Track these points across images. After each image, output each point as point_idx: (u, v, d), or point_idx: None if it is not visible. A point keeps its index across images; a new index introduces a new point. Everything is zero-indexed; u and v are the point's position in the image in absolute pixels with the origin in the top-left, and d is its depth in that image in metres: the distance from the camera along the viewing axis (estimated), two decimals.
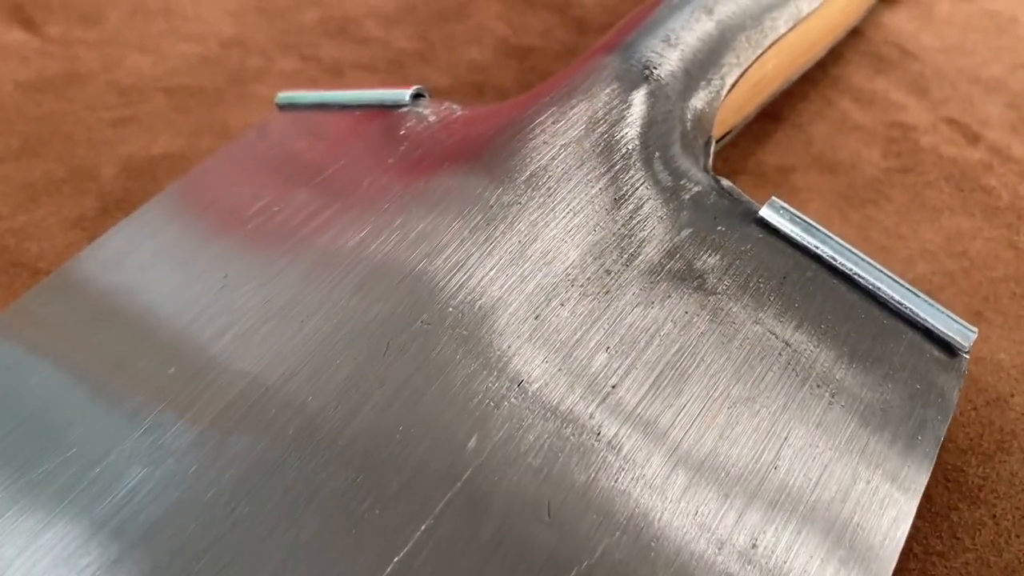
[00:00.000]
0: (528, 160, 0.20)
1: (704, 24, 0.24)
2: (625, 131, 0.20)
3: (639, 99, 0.21)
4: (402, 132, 0.22)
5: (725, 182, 0.20)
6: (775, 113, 0.34)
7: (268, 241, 0.19)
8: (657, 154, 0.20)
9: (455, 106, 0.23)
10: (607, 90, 0.21)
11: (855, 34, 0.40)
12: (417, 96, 0.24)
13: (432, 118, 0.23)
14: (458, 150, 0.21)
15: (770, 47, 0.26)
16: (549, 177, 0.19)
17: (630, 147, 0.20)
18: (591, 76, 0.22)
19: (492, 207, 0.19)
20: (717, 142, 0.24)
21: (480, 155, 0.20)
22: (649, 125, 0.21)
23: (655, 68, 0.22)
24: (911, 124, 0.35)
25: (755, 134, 0.33)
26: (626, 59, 0.22)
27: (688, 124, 0.21)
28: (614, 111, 0.21)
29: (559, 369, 0.16)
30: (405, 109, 0.24)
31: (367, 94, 0.25)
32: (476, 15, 0.40)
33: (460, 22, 0.39)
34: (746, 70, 0.24)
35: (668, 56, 0.22)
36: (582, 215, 0.19)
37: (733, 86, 0.24)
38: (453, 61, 0.37)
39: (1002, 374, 0.24)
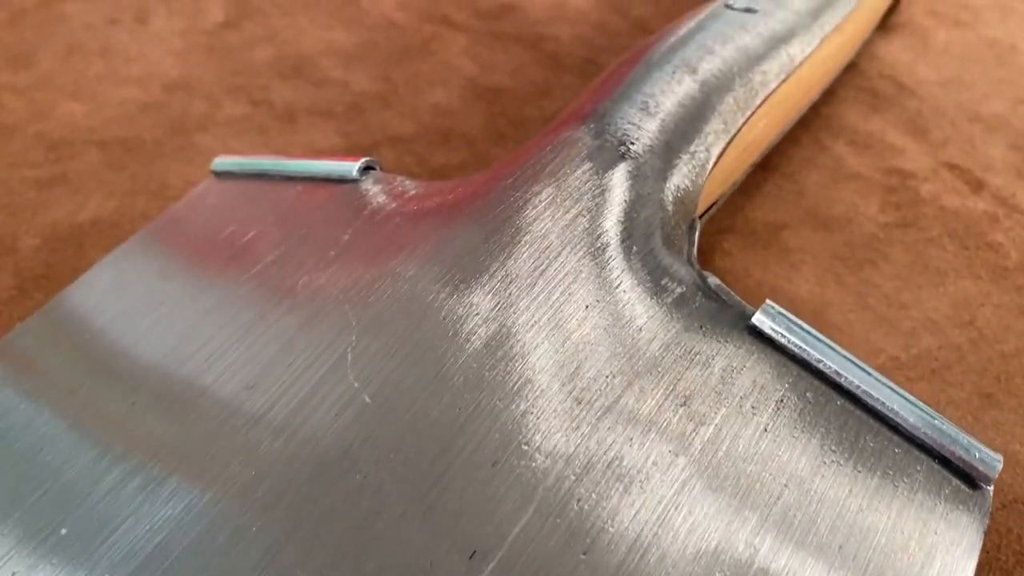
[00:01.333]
0: (486, 264, 0.17)
1: (686, 86, 0.22)
2: (599, 223, 0.18)
3: (615, 182, 0.19)
4: (348, 215, 0.20)
5: (712, 280, 0.18)
6: (764, 162, 0.32)
7: (182, 369, 0.17)
8: (635, 248, 0.18)
9: (408, 182, 0.21)
10: (578, 171, 0.19)
11: (848, 67, 0.39)
12: (368, 168, 0.22)
13: (382, 198, 0.21)
14: (409, 243, 0.19)
15: (761, 104, 0.24)
16: (511, 283, 0.17)
17: (604, 242, 0.18)
18: (560, 154, 0.20)
19: (444, 321, 0.17)
20: (701, 216, 0.22)
21: (433, 254, 0.18)
22: (626, 213, 0.18)
23: (632, 143, 0.20)
24: (910, 170, 0.33)
25: (743, 186, 0.31)
26: (599, 132, 0.20)
27: (670, 207, 0.19)
28: (586, 198, 0.19)
29: (520, 536, 0.14)
30: (353, 184, 0.21)
31: (312, 165, 0.22)
32: (441, 51, 0.38)
33: (424, 60, 0.37)
34: (734, 136, 0.22)
35: (647, 127, 0.20)
36: (548, 330, 0.16)
37: (720, 156, 0.22)
38: (417, 104, 0.35)
39: (1019, 470, 0.23)
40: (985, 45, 0.43)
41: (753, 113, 0.23)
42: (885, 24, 0.42)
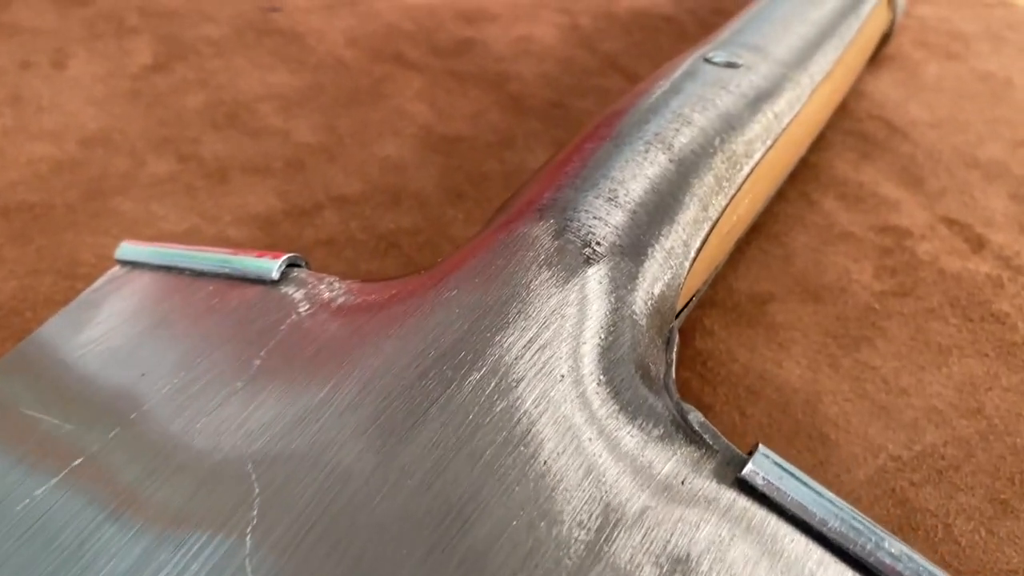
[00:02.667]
0: (424, 406, 0.15)
1: (660, 166, 0.19)
2: (559, 351, 0.16)
3: (578, 296, 0.16)
4: (262, 331, 0.17)
5: (694, 416, 0.16)
6: None
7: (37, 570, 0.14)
8: (603, 380, 0.15)
9: (337, 285, 0.19)
10: (535, 283, 0.17)
11: (836, 107, 0.37)
12: (293, 265, 0.19)
13: (304, 307, 0.18)
14: (332, 376, 0.16)
15: (746, 179, 0.22)
16: (454, 433, 0.15)
17: (567, 376, 0.15)
18: (513, 257, 0.17)
19: (369, 489, 0.14)
20: (679, 314, 0.20)
21: (359, 393, 0.15)
22: (592, 337, 0.16)
23: (598, 243, 0.17)
24: (906, 227, 0.31)
25: None
26: (560, 230, 0.17)
27: (643, 321, 0.17)
28: (544, 317, 0.16)
29: None
30: (273, 287, 0.19)
31: (227, 260, 0.20)
32: (394, 95, 0.35)
33: (375, 105, 0.35)
34: (716, 221, 0.20)
35: (615, 221, 0.18)
36: (499, 496, 0.14)
37: (701, 247, 0.19)
38: (365, 158, 0.32)
39: None
40: (979, 79, 0.41)
41: (737, 191, 0.21)
42: (874, 58, 0.40)
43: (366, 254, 0.28)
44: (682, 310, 0.20)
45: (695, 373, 0.25)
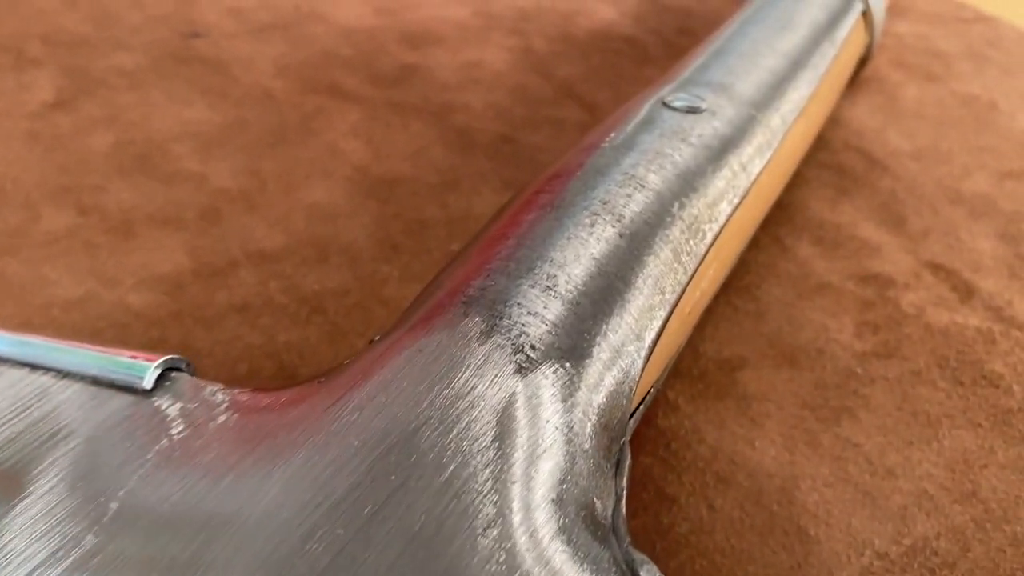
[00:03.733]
0: (305, 568, 0.12)
1: (608, 242, 0.17)
2: (481, 490, 0.13)
3: (505, 419, 0.14)
4: (125, 460, 0.15)
5: (647, 570, 0.13)
6: None
7: None
8: (537, 527, 0.13)
9: (220, 396, 0.16)
10: (453, 404, 0.14)
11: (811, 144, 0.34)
12: (173, 369, 0.17)
13: (178, 428, 0.15)
14: (203, 527, 0.13)
15: (710, 247, 0.19)
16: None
17: (488, 522, 0.13)
18: (428, 369, 0.14)
19: None
20: (633, 414, 0.17)
21: (233, 551, 0.13)
22: (522, 473, 0.13)
23: (532, 348, 0.15)
24: (888, 275, 0.29)
25: None
26: (487, 330, 0.15)
27: (588, 443, 0.14)
28: (463, 447, 0.13)
29: None
30: (145, 397, 0.16)
31: (95, 358, 0.17)
32: (326, 131, 0.33)
33: (304, 144, 0.32)
34: (676, 302, 0.18)
35: (552, 315, 0.15)
36: None
37: (658, 337, 0.17)
38: (290, 205, 0.29)
39: None
40: (961, 103, 0.39)
41: (700, 262, 0.19)
42: (851, 83, 0.38)
43: (286, 321, 0.25)
44: (637, 408, 0.17)
45: (657, 458, 0.23)
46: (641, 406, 0.18)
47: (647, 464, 0.22)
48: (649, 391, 0.18)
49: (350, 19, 0.40)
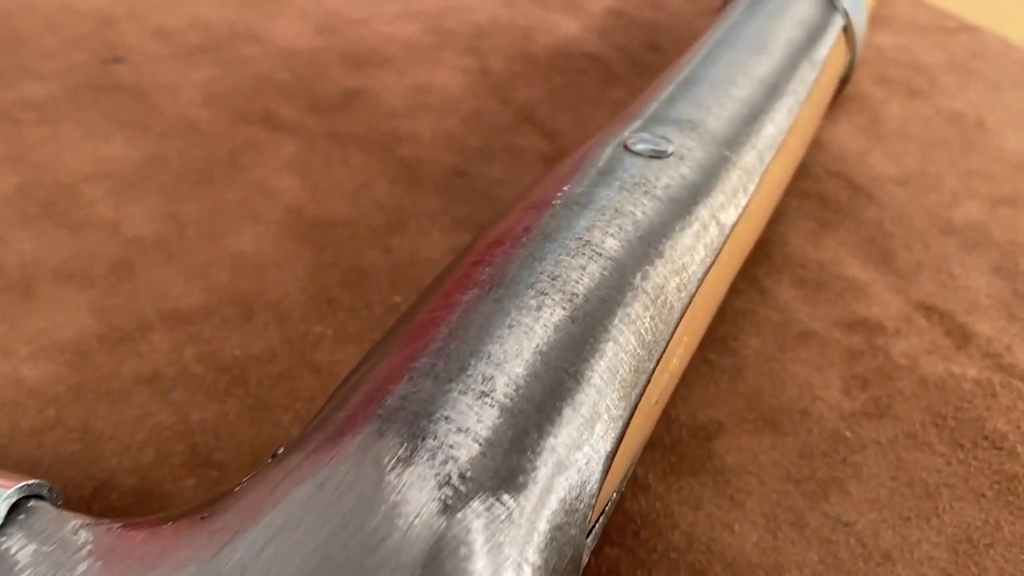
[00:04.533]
0: None
1: (558, 329, 0.14)
2: None
3: (426, 564, 0.11)
4: None
5: None
6: None
7: None
8: None
9: (85, 532, 0.13)
10: (361, 542, 0.11)
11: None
12: (35, 496, 0.14)
13: (28, 573, 0.12)
14: None
15: (680, 319, 0.17)
16: None
17: None
18: (329, 509, 0.12)
19: None
20: (590, 533, 0.15)
21: None
22: None
23: (462, 477, 0.12)
24: (877, 320, 0.27)
25: None
26: (404, 457, 0.12)
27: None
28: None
29: None
30: None
31: None
32: (257, 167, 0.30)
33: (231, 182, 0.29)
34: (640, 397, 0.15)
35: (486, 430, 0.13)
36: None
37: (619, 443, 0.14)
38: (212, 255, 0.26)
39: None
40: (947, 122, 0.37)
41: (669, 341, 0.16)
42: (831, 103, 0.36)
43: (201, 395, 0.22)
44: (596, 523, 0.15)
45: (625, 549, 0.20)
46: (602, 517, 0.15)
47: (614, 557, 0.20)
48: (611, 499, 0.16)
49: (289, 39, 0.37)
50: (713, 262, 0.19)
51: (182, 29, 0.37)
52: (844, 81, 0.35)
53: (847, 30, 0.33)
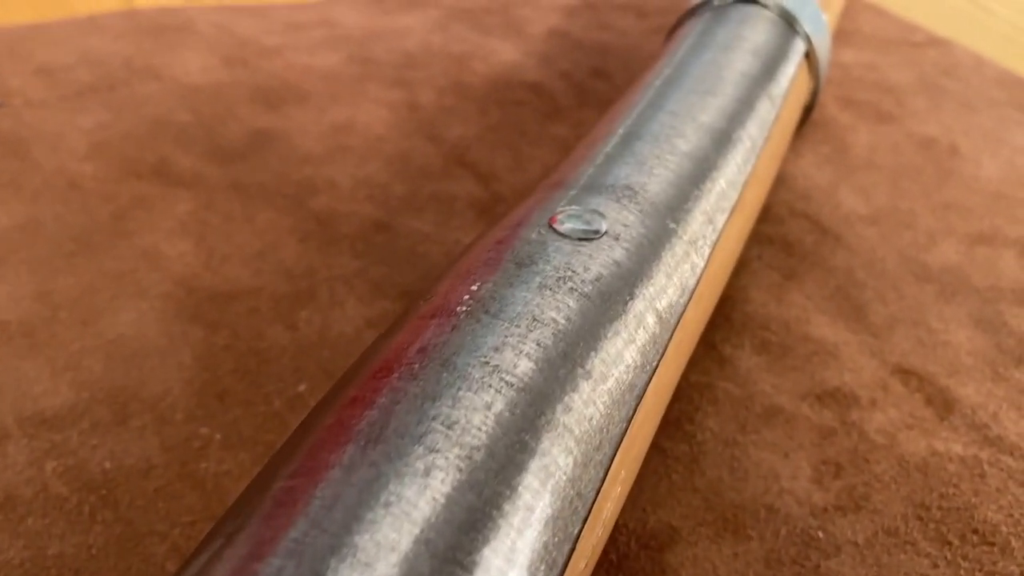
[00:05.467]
0: None
1: (449, 502, 0.12)
2: None
3: None
4: None
5: None
6: None
7: None
8: None
9: None
10: None
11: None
12: None
13: None
14: None
15: (615, 455, 0.14)
16: None
17: None
18: None
19: None
20: None
21: None
22: None
23: None
24: (850, 389, 0.24)
25: None
26: None
27: None
28: None
29: None
30: None
31: None
32: (145, 231, 0.27)
33: (113, 250, 0.26)
34: (566, 565, 0.12)
35: None
36: None
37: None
38: (85, 343, 0.23)
39: None
40: (919, 148, 0.35)
41: (600, 487, 0.13)
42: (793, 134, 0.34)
43: (61, 522, 0.19)
44: None
45: None
46: None
47: None
48: None
49: (193, 74, 0.34)
50: (656, 366, 0.16)
51: (71, 66, 0.33)
52: (808, 110, 0.32)
53: (809, 56, 0.30)
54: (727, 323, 0.26)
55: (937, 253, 0.30)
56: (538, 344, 0.14)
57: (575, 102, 0.35)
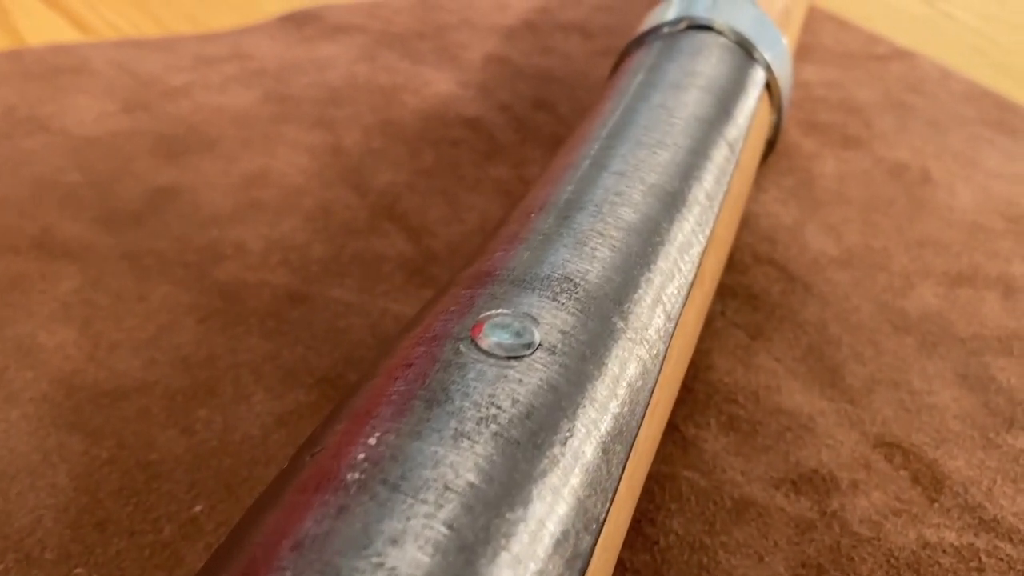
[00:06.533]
0: None
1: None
2: None
3: None
4: None
5: None
6: None
7: None
8: None
9: None
10: None
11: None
12: None
13: None
14: None
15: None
16: None
17: None
18: None
19: None
20: None
21: None
22: None
23: None
24: (829, 471, 0.22)
25: None
26: None
27: None
28: None
29: None
30: None
31: None
32: (21, 317, 0.24)
33: None
34: None
35: None
36: None
37: None
38: None
39: None
40: (889, 176, 0.33)
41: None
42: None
43: None
44: None
45: None
46: None
47: None
48: None
49: (86, 123, 0.31)
50: (604, 517, 0.13)
51: None
52: (771, 144, 0.30)
53: (770, 86, 0.28)
54: (690, 396, 0.24)
55: (915, 298, 0.28)
56: (450, 528, 0.11)
57: (516, 138, 0.33)
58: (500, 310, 0.15)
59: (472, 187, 0.30)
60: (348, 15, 0.39)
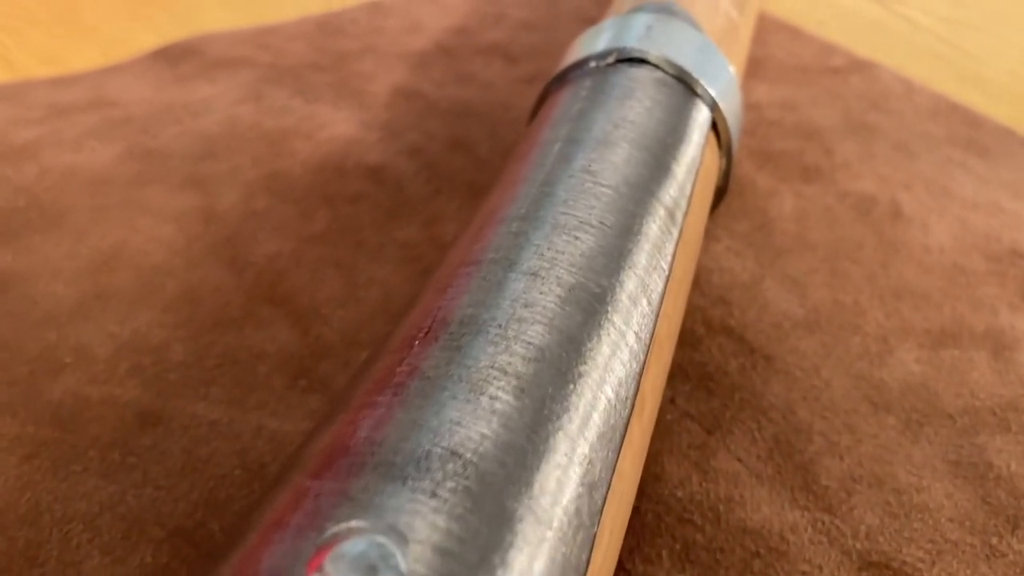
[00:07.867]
0: None
1: None
2: None
3: None
4: None
5: None
6: None
7: None
8: None
9: None
10: None
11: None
12: None
13: None
14: None
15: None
16: None
17: None
18: None
19: None
20: None
21: None
22: None
23: None
24: None
25: None
26: None
27: None
28: None
29: None
30: None
31: None
32: None
33: None
34: None
35: None
36: None
37: None
38: None
39: None
40: (855, 213, 0.30)
41: None
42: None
43: None
44: None
45: None
46: None
47: None
48: None
49: None
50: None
51: None
52: (721, 192, 0.26)
53: (717, 126, 0.25)
54: (636, 520, 0.20)
55: (895, 365, 0.25)
56: None
57: (428, 190, 0.29)
58: (353, 523, 0.11)
59: (374, 255, 0.26)
60: (232, 46, 0.35)
